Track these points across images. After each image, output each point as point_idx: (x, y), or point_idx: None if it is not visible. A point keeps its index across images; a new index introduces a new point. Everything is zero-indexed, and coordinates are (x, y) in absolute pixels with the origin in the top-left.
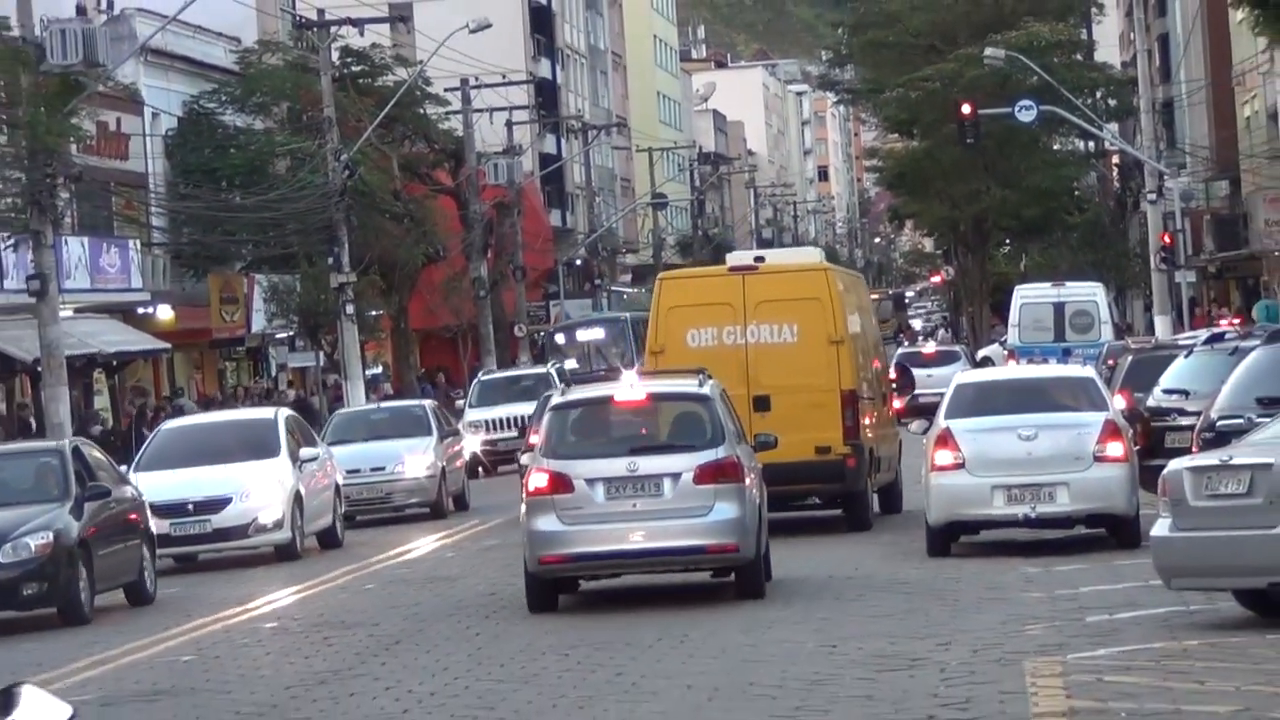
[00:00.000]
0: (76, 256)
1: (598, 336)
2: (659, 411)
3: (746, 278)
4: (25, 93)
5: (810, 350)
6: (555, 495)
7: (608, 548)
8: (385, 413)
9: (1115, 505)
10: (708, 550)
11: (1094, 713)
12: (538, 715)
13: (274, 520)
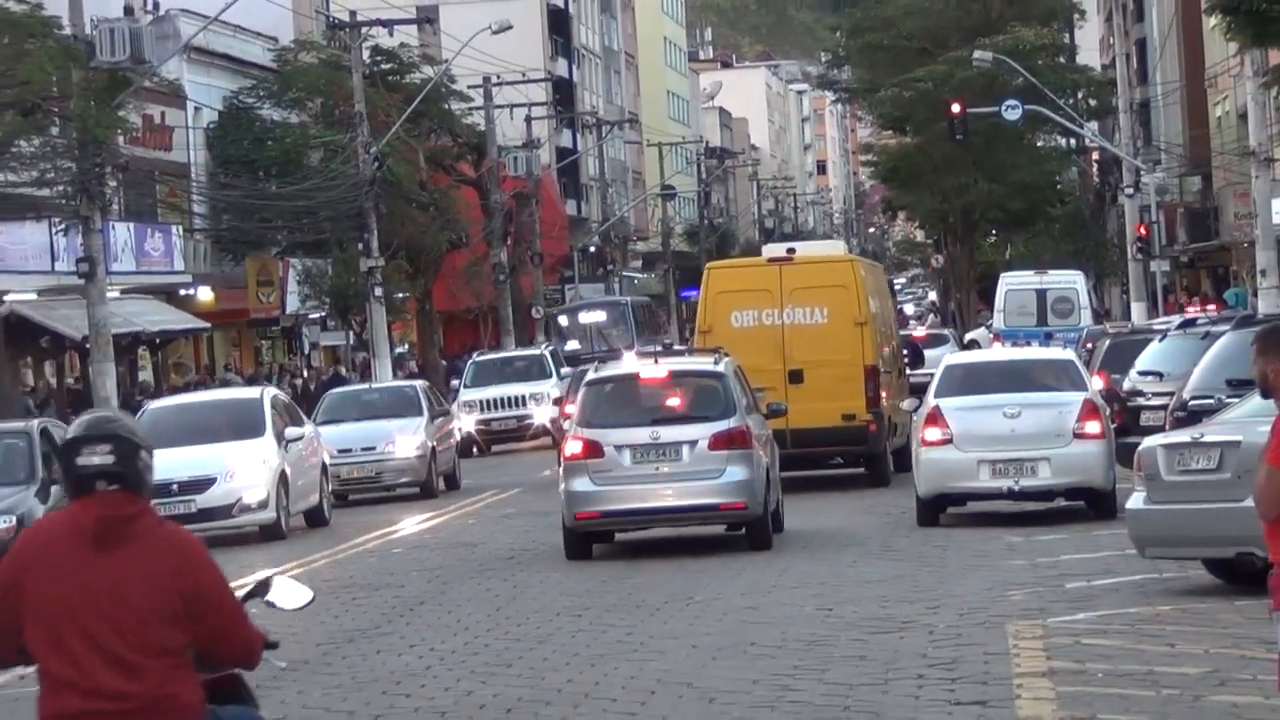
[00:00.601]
0: (123, 241)
1: (599, 319)
2: (679, 386)
3: (783, 267)
4: (76, 87)
5: (838, 330)
6: (588, 460)
7: (634, 505)
8: (377, 393)
9: (1093, 479)
10: (720, 508)
11: (1072, 673)
12: (552, 672)
13: (258, 500)
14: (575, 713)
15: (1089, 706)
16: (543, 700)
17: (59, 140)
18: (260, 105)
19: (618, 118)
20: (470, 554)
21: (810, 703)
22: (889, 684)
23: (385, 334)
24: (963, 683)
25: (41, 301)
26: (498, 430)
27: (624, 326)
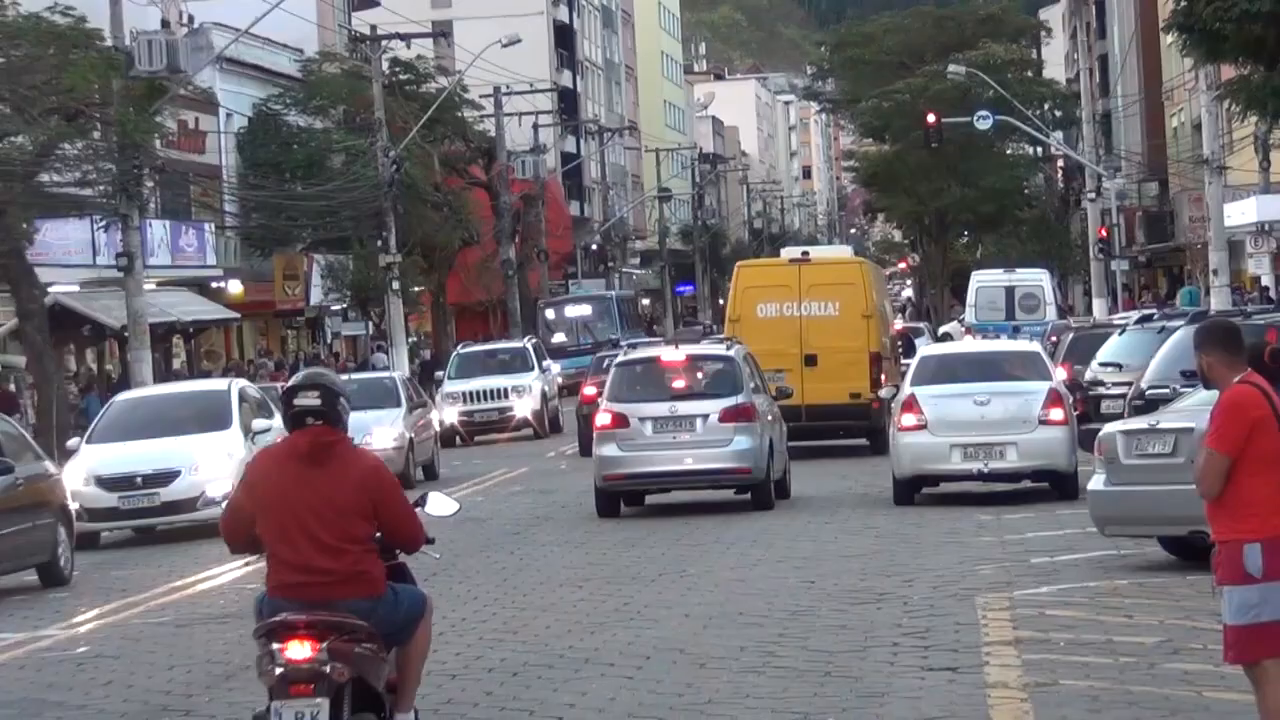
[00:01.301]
0: (159, 237)
1: (584, 313)
2: (695, 368)
3: (801, 267)
4: (116, 94)
5: (848, 321)
6: (616, 430)
7: (654, 469)
8: (356, 384)
9: (1057, 462)
10: (727, 472)
11: (1037, 642)
12: (555, 639)
13: (223, 494)
14: (576, 676)
15: (1052, 673)
16: (546, 664)
17: (100, 143)
18: (287, 112)
19: (618, 125)
20: (479, 529)
21: (794, 668)
22: (867, 651)
23: (402, 325)
24: (935, 650)
25: (83, 293)
26: (480, 421)
27: (609, 319)
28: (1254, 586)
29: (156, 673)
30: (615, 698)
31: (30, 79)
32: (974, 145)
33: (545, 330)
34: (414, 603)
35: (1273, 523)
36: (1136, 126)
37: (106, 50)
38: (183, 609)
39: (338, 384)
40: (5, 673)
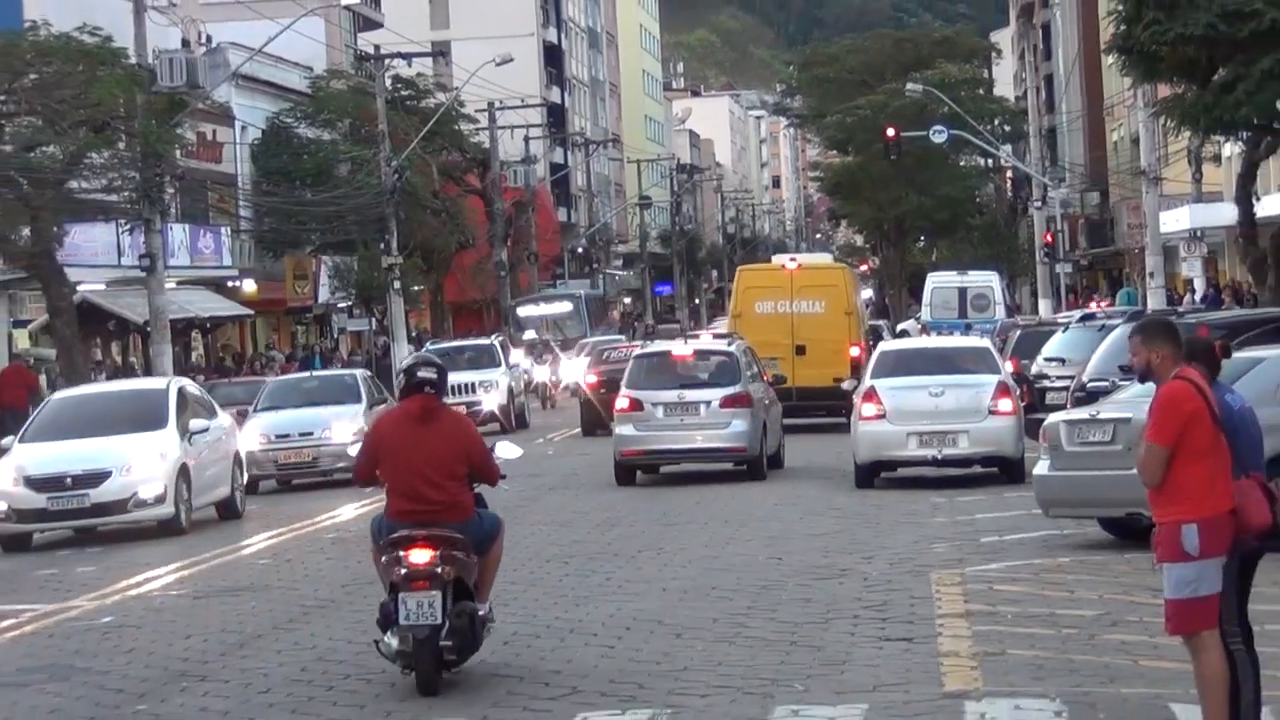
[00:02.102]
0: (179, 239)
1: (555, 311)
2: (700, 361)
3: (793, 271)
4: (140, 108)
5: (832, 317)
6: (632, 412)
7: (664, 447)
8: (317, 380)
9: (1005, 449)
10: (726, 450)
11: (986, 614)
12: (542, 610)
13: (155, 495)
14: (562, 645)
15: (1000, 643)
16: (534, 634)
17: (125, 153)
18: (297, 125)
19: (602, 138)
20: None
21: (762, 638)
22: (829, 622)
23: (403, 321)
24: (892, 622)
25: (109, 291)
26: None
27: (578, 318)
28: (1191, 564)
29: (175, 641)
30: (598, 665)
31: (61, 93)
32: (930, 157)
33: (517, 328)
34: (493, 524)
35: (1207, 506)
36: (1079, 140)
37: (131, 67)
38: (200, 582)
39: (441, 363)
40: (36, 640)
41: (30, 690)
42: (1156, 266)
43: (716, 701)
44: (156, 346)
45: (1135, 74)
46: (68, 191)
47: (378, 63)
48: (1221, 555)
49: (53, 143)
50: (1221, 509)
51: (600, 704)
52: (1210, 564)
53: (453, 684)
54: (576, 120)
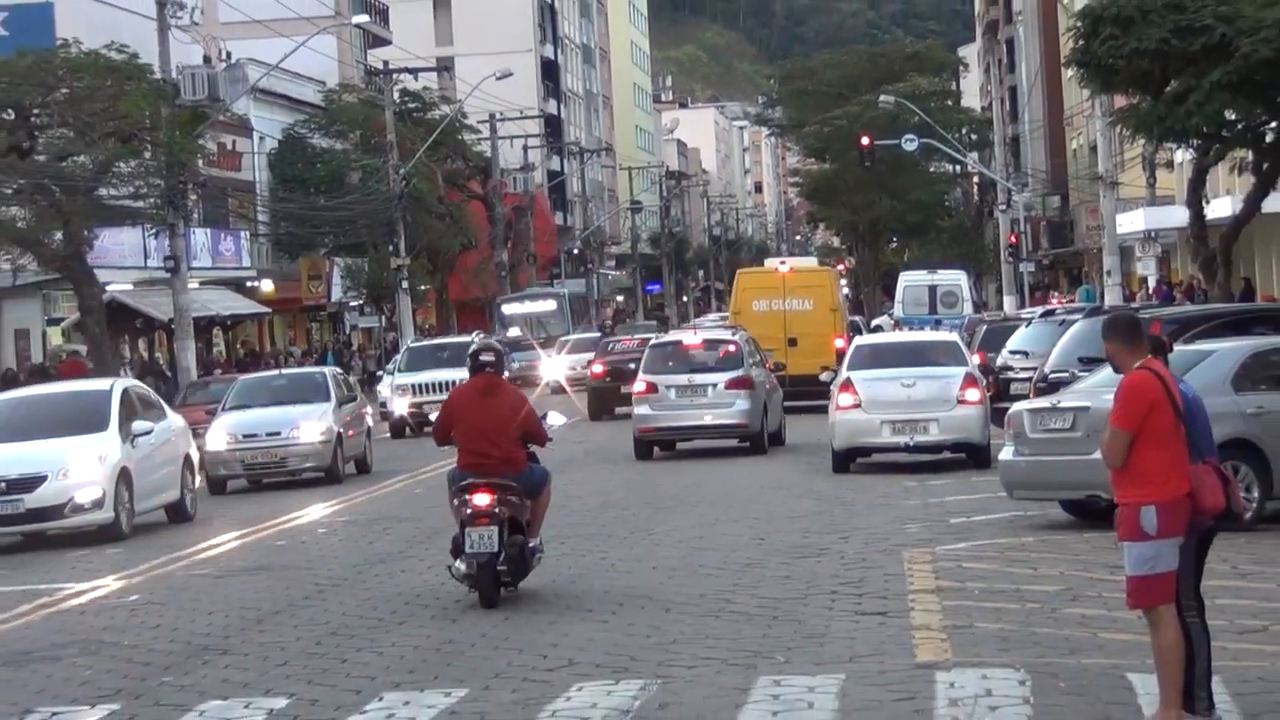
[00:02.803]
0: (201, 243)
1: (538, 310)
2: (708, 349)
3: (785, 274)
4: (164, 120)
5: (819, 313)
6: (648, 395)
7: (676, 424)
8: (286, 379)
9: (973, 436)
10: (731, 427)
11: (955, 590)
12: (541, 588)
13: (93, 499)
14: (559, 619)
15: (968, 616)
16: (532, 609)
17: (151, 162)
18: (311, 135)
19: (596, 147)
20: None
21: (746, 613)
22: (809, 598)
23: (410, 318)
24: (868, 597)
25: (136, 291)
26: (428, 413)
27: (561, 317)
28: (1150, 543)
29: (198, 617)
30: (593, 638)
31: (90, 107)
32: (902, 164)
33: (501, 325)
34: (542, 475)
35: (1167, 488)
36: (1041, 148)
37: (156, 82)
38: (221, 563)
39: (501, 348)
40: (68, 617)
41: (62, 664)
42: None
43: (703, 672)
44: (180, 343)
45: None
46: (97, 198)
47: (386, 77)
48: (1179, 535)
49: (83, 153)
50: (1180, 492)
51: (595, 675)
52: (1168, 543)
53: (455, 655)
54: (572, 130)
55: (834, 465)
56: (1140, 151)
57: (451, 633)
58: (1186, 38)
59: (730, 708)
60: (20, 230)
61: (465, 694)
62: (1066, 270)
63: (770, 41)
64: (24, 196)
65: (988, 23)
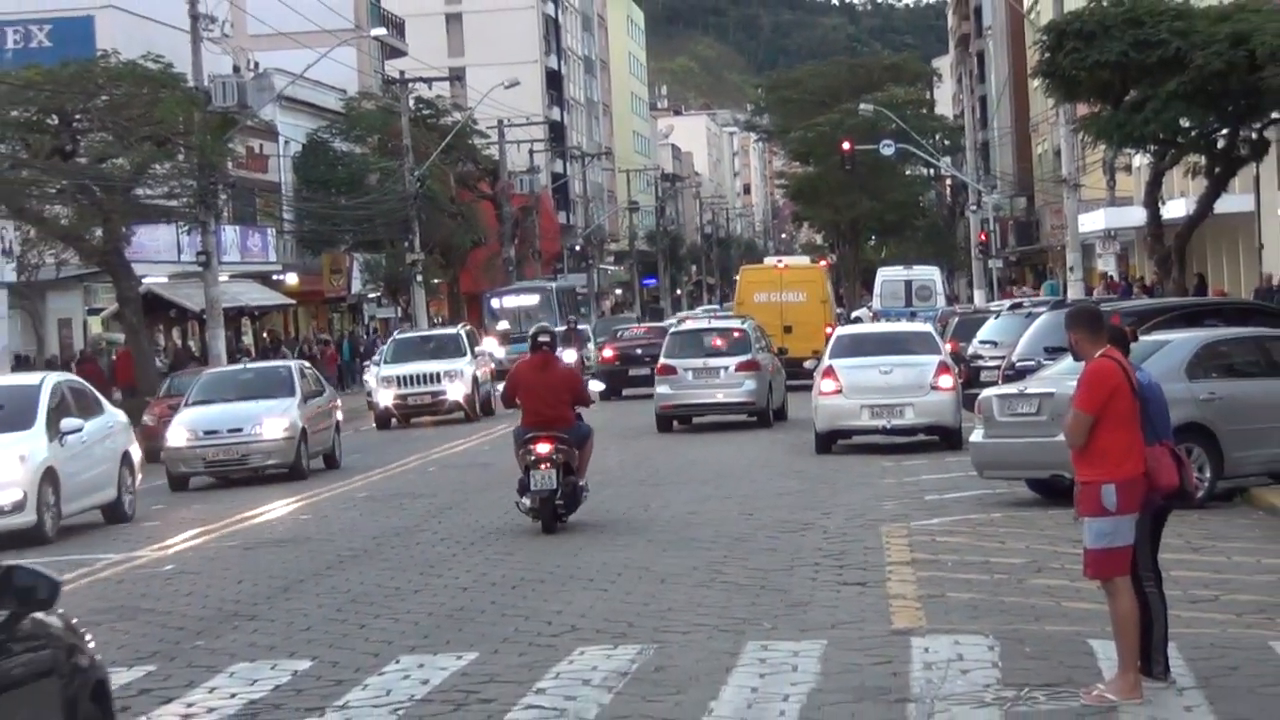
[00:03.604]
0: (231, 239)
1: (529, 303)
2: (721, 335)
3: (782, 270)
4: (197, 125)
5: (811, 305)
6: (668, 375)
7: (692, 401)
8: (250, 373)
9: (945, 420)
10: (740, 404)
11: (928, 562)
12: (545, 558)
13: (13, 501)
14: (562, 588)
15: (940, 586)
16: (538, 579)
17: (184, 164)
18: (333, 140)
19: (597, 151)
20: (485, 472)
21: (736, 583)
22: (794, 570)
23: (424, 310)
24: (848, 569)
25: (170, 283)
26: (413, 404)
27: (549, 309)
28: (1108, 518)
29: (228, 586)
30: (593, 606)
31: (128, 112)
32: (880, 167)
33: (491, 318)
34: (586, 430)
35: (1125, 468)
36: (1009, 152)
37: (189, 90)
38: (249, 534)
39: (555, 330)
40: (107, 586)
41: (102, 628)
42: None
43: (696, 638)
44: (211, 331)
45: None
46: (135, 197)
47: (402, 86)
48: (1135, 512)
49: (122, 155)
50: (1137, 471)
51: (596, 639)
52: (1125, 519)
53: (466, 621)
54: (574, 136)
55: (817, 446)
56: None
57: (463, 600)
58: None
59: (721, 670)
60: (63, 227)
61: (475, 657)
62: (1032, 266)
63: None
64: (67, 196)
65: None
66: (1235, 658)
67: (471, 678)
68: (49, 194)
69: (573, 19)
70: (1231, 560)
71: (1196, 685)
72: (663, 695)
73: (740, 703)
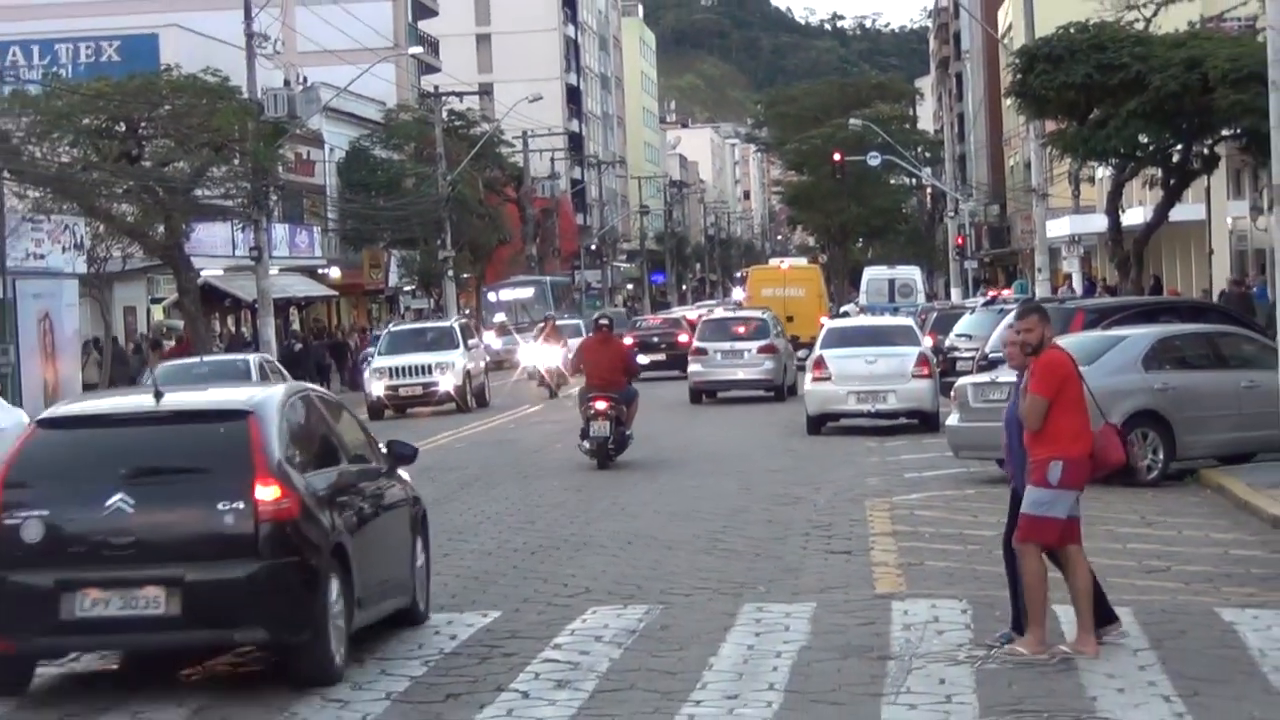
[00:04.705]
0: (280, 236)
1: (523, 295)
2: (745, 323)
3: (785, 270)
4: (250, 133)
5: (809, 298)
6: (700, 356)
7: (720, 378)
8: (208, 367)
9: (924, 405)
10: (760, 380)
11: (908, 534)
12: (561, 528)
13: None
14: (577, 554)
15: (919, 555)
16: (554, 546)
17: (239, 169)
18: (373, 147)
19: (611, 160)
20: (509, 448)
21: (734, 550)
22: (786, 539)
23: (455, 302)
24: (835, 539)
25: (225, 276)
26: (405, 395)
27: (543, 302)
28: (1050, 490)
29: None
30: (605, 570)
31: (189, 121)
32: (867, 177)
33: (488, 310)
34: (633, 393)
35: (1074, 448)
36: (984, 164)
37: (244, 101)
38: None
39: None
40: None
41: None
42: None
43: (698, 600)
44: (262, 319)
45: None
46: (194, 198)
47: (436, 99)
48: (1076, 489)
49: (182, 160)
50: (1084, 452)
51: (607, 600)
52: (1065, 494)
53: (490, 583)
54: (591, 145)
55: (808, 428)
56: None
57: (487, 564)
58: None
59: (720, 629)
60: (129, 224)
61: (499, 615)
62: (1004, 267)
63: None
64: (133, 195)
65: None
66: (1184, 622)
67: (495, 634)
68: (116, 194)
69: (591, 40)
70: (1182, 534)
71: (1150, 646)
72: (667, 651)
73: (737, 658)
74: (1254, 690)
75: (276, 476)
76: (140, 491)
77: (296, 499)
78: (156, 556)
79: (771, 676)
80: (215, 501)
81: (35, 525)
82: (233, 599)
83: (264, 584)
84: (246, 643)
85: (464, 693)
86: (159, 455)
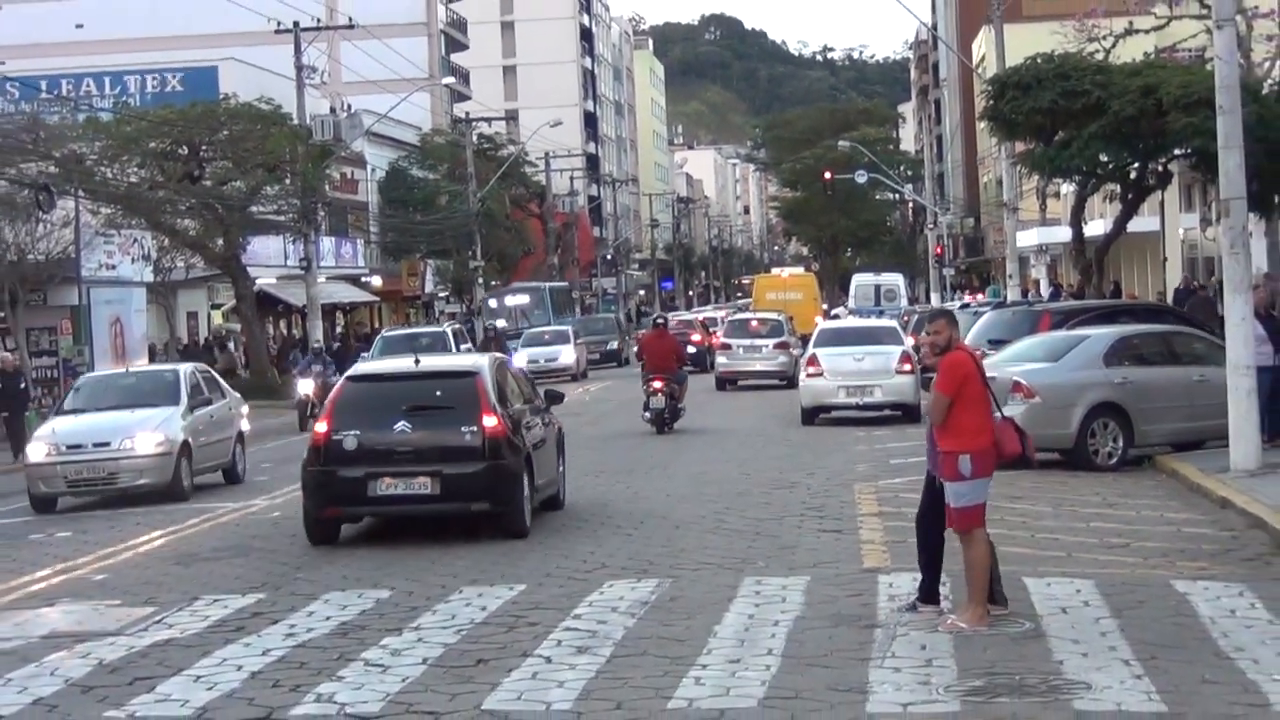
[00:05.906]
0: (327, 247)
1: (522, 301)
2: (764, 323)
3: (785, 278)
4: (300, 155)
5: (806, 302)
6: (725, 350)
7: (742, 369)
8: (133, 377)
9: (907, 398)
10: (774, 372)
11: (893, 514)
12: (580, 509)
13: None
14: (594, 533)
15: (903, 534)
16: (574, 526)
17: (290, 187)
18: (410, 168)
19: (625, 178)
20: None
21: (736, 529)
22: (783, 520)
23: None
24: (827, 519)
25: (278, 284)
26: None
27: (543, 308)
28: (966, 482)
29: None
30: (620, 547)
31: (245, 145)
32: (855, 193)
33: (489, 316)
34: (684, 375)
35: (978, 441)
36: (960, 181)
37: (295, 127)
38: None
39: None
40: (225, 529)
41: (220, 563)
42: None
43: (703, 574)
44: (311, 323)
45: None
46: (249, 213)
47: (467, 125)
48: (987, 476)
49: (239, 179)
50: (987, 443)
51: (621, 575)
52: (980, 482)
53: (519, 558)
54: (606, 165)
55: (802, 419)
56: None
57: (513, 543)
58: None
59: (724, 600)
60: (191, 237)
61: (523, 588)
62: (979, 274)
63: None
64: (194, 212)
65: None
66: (1142, 594)
67: (520, 605)
68: (180, 210)
69: (606, 70)
70: (1140, 514)
71: (1111, 615)
72: (676, 620)
73: (739, 626)
74: (1205, 655)
75: (494, 411)
76: (414, 419)
77: (505, 425)
78: (425, 459)
79: (770, 643)
80: (459, 426)
81: (351, 439)
82: (471, 484)
83: (488, 476)
84: (478, 511)
85: (493, 658)
86: (424, 397)
